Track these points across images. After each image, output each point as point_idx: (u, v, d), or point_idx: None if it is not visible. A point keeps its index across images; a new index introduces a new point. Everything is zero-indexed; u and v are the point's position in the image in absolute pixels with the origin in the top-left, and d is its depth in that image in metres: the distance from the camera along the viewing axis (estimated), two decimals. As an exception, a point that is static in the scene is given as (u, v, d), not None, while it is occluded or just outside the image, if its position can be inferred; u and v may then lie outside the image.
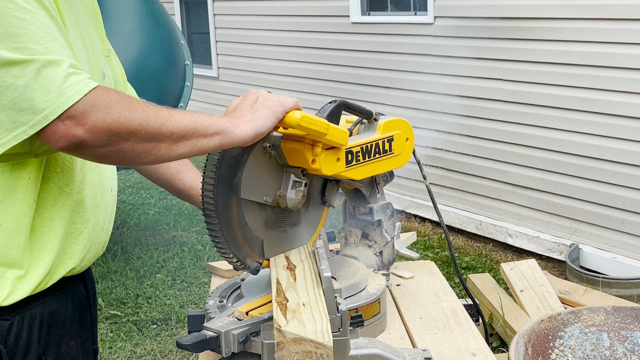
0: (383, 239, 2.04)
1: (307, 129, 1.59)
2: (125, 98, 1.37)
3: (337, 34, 7.05)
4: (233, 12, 8.65)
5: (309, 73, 7.47)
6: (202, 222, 6.27)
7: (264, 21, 8.06)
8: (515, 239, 5.64)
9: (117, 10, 5.05)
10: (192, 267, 5.52)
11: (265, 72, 8.19)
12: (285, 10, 7.71)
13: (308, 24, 7.41)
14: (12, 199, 1.47)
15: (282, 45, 7.84)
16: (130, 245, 6.02)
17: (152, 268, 5.52)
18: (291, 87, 7.69)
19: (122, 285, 5.22)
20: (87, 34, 1.65)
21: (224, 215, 1.64)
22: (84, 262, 1.66)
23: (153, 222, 6.67)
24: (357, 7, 6.76)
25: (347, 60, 6.98)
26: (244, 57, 8.57)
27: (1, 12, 1.30)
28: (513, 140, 5.62)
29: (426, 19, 6.09)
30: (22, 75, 1.29)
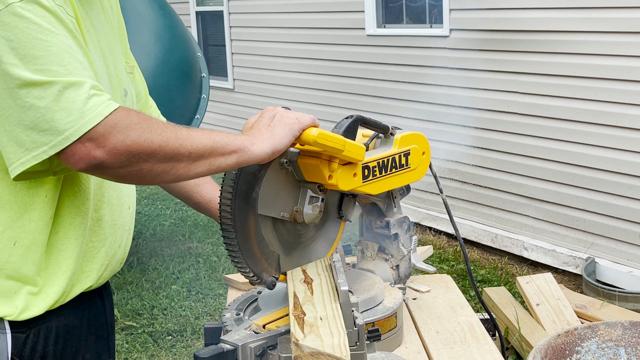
0: (400, 253, 2.03)
1: (324, 146, 1.60)
2: (145, 119, 1.38)
3: (352, 46, 7.06)
4: (249, 24, 8.69)
5: (324, 85, 7.49)
6: (217, 233, 6.31)
7: (280, 33, 8.09)
8: (531, 252, 5.62)
9: (135, 23, 5.09)
10: (207, 278, 5.53)
11: (280, 84, 8.22)
12: (300, 22, 7.74)
13: (323, 37, 7.44)
14: (29, 216, 1.48)
15: (297, 58, 7.87)
16: (146, 257, 6.05)
17: (168, 279, 5.54)
18: (306, 99, 7.71)
19: (138, 296, 5.24)
20: (110, 51, 1.66)
21: (241, 230, 1.65)
22: (101, 279, 1.67)
23: (169, 234, 6.69)
24: (372, 19, 6.78)
25: (362, 72, 6.99)
26: (260, 69, 8.60)
27: (24, 33, 1.31)
28: (529, 153, 5.60)
29: (442, 32, 6.10)
30: (43, 97, 1.30)
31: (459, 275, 5.32)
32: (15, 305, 1.49)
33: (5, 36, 1.30)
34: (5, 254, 1.47)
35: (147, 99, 2.01)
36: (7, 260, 1.47)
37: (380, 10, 6.77)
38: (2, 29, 1.30)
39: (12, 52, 1.30)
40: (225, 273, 5.51)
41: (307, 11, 7.61)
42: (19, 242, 1.48)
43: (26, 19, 1.31)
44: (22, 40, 1.30)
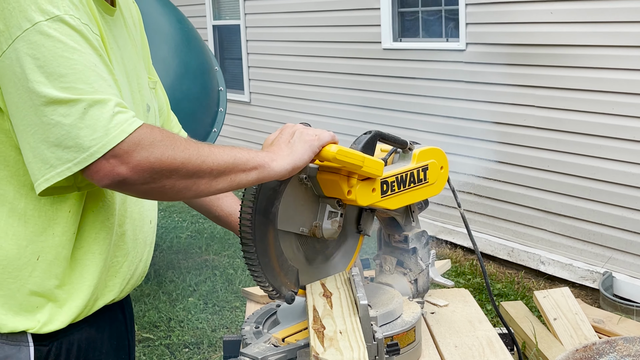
0: (418, 267, 2.03)
1: (343, 162, 1.61)
2: (168, 136, 1.39)
3: (368, 59, 7.08)
4: (265, 37, 8.74)
5: (340, 98, 7.51)
6: (233, 246, 6.34)
7: (296, 47, 8.13)
8: (547, 266, 5.59)
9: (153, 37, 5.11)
10: (223, 291, 5.54)
11: (296, 97, 8.25)
12: (317, 36, 7.77)
13: (340, 50, 7.46)
14: (52, 231, 1.49)
15: (313, 71, 7.89)
16: (162, 269, 6.07)
17: (185, 291, 5.56)
18: (322, 112, 7.73)
19: (155, 308, 5.26)
20: (133, 67, 1.68)
21: (261, 245, 1.67)
22: (123, 292, 1.68)
23: (185, 246, 6.71)
24: (388, 33, 6.80)
25: (378, 85, 7.00)
26: (276, 83, 8.64)
27: (50, 51, 1.32)
28: (546, 167, 5.59)
29: (458, 46, 6.11)
30: (69, 114, 1.31)
31: (476, 289, 5.31)
32: (38, 318, 1.50)
33: (32, 54, 1.32)
34: (29, 268, 1.49)
35: (169, 114, 2.03)
36: (30, 274, 1.49)
37: (396, 24, 6.79)
38: (29, 47, 1.32)
39: (39, 70, 1.31)
40: (241, 286, 5.52)
41: (324, 25, 7.64)
42: (42, 257, 1.49)
43: (52, 38, 1.32)
44: (48, 59, 1.32)
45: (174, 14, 5.65)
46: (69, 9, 1.36)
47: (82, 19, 1.38)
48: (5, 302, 1.49)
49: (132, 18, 1.77)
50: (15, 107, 1.35)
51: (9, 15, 1.33)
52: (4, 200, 1.47)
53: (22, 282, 1.48)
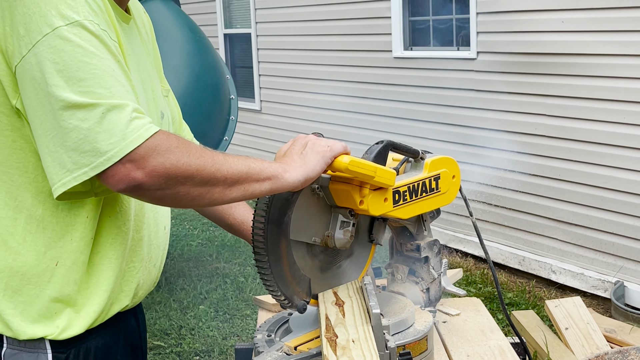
0: (430, 276, 2.03)
1: (355, 173, 1.62)
2: (184, 143, 1.40)
3: (379, 68, 7.09)
4: (276, 46, 8.76)
5: (350, 107, 7.52)
6: (244, 254, 6.33)
7: (307, 55, 8.14)
8: (559, 275, 5.57)
9: (165, 45, 5.15)
10: (234, 299, 5.54)
11: (307, 106, 8.26)
12: (327, 44, 7.78)
13: (350, 59, 7.47)
14: (70, 236, 1.50)
15: (324, 80, 7.90)
16: (174, 277, 6.07)
17: (195, 299, 5.56)
18: (332, 121, 7.73)
19: (166, 316, 5.26)
20: (148, 75, 1.70)
21: (274, 254, 1.67)
22: (137, 298, 1.69)
23: (196, 254, 6.72)
24: (399, 42, 6.80)
25: (389, 94, 7.00)
26: (286, 91, 8.66)
27: (70, 56, 1.33)
28: (557, 176, 5.57)
29: (469, 54, 6.11)
30: (87, 118, 1.32)
31: (487, 298, 5.29)
32: (57, 324, 1.52)
33: (52, 59, 1.33)
34: (48, 274, 1.50)
35: (181, 123, 2.04)
36: (49, 280, 1.50)
37: (407, 32, 6.80)
38: (49, 51, 1.33)
39: (58, 74, 1.33)
40: (252, 294, 5.52)
41: (334, 33, 7.65)
42: (60, 262, 1.50)
43: (72, 42, 1.34)
44: (67, 63, 1.33)
45: (186, 22, 5.67)
46: (88, 14, 1.37)
47: (101, 25, 1.40)
48: (25, 308, 1.50)
49: (144, 27, 1.79)
50: (34, 111, 1.36)
51: (29, 21, 1.34)
52: (22, 207, 1.48)
53: (41, 288, 1.50)
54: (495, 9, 5.87)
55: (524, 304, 5.23)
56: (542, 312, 4.82)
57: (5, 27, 1.37)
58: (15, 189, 1.47)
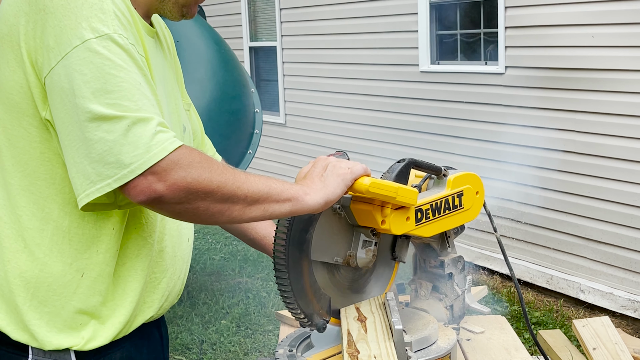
0: (454, 293, 2.01)
1: (376, 195, 1.61)
2: (206, 159, 1.41)
3: (405, 82, 7.05)
4: (301, 59, 8.76)
5: (376, 121, 7.49)
6: (266, 268, 6.30)
7: (332, 69, 8.14)
8: (587, 294, 5.48)
9: (191, 58, 5.16)
10: (256, 314, 5.52)
11: (332, 120, 8.24)
12: (354, 58, 7.77)
13: (376, 72, 7.45)
14: (96, 248, 1.52)
15: (350, 93, 7.89)
16: (196, 290, 6.06)
17: (217, 314, 5.54)
18: (358, 135, 7.71)
19: (188, 330, 5.25)
20: (171, 89, 1.73)
21: (294, 274, 1.68)
22: (161, 310, 1.70)
23: (218, 268, 6.71)
24: (426, 56, 6.77)
25: (415, 108, 6.97)
26: (311, 104, 8.65)
27: (98, 68, 1.35)
28: (586, 193, 5.49)
29: (497, 69, 6.06)
30: (112, 131, 1.34)
31: (513, 317, 5.22)
32: (82, 335, 1.53)
33: (80, 70, 1.35)
34: (73, 285, 1.52)
35: (203, 137, 2.06)
36: (75, 291, 1.52)
37: (434, 46, 6.77)
38: (78, 63, 1.35)
39: (85, 85, 1.34)
40: (274, 309, 5.50)
41: (361, 47, 7.64)
42: (86, 274, 1.52)
43: (101, 55, 1.36)
44: (95, 75, 1.35)
45: (211, 35, 5.69)
46: (118, 28, 1.40)
47: (130, 39, 1.42)
48: (50, 319, 1.52)
49: (166, 41, 1.82)
50: (61, 122, 1.38)
51: (60, 33, 1.37)
52: (49, 218, 1.50)
53: (66, 299, 1.52)
54: (524, 24, 5.82)
55: (552, 324, 5.14)
56: (569, 332, 4.73)
57: (36, 39, 1.39)
58: (42, 200, 1.49)
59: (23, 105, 1.45)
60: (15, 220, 1.50)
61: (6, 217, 1.51)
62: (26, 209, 1.49)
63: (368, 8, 7.45)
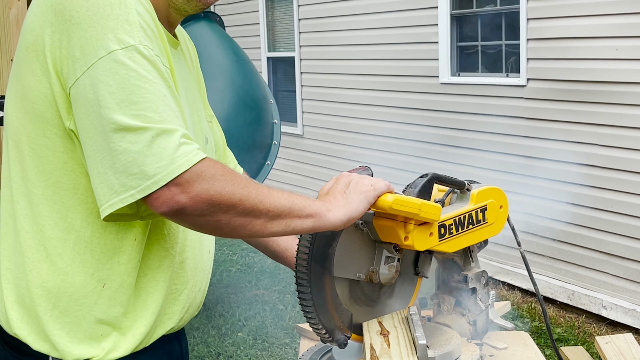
0: (477, 308, 1.98)
1: (399, 212, 1.60)
2: (229, 172, 1.42)
3: (425, 94, 7.01)
4: (320, 70, 8.74)
5: (395, 133, 7.44)
6: (283, 281, 6.26)
7: (351, 80, 8.11)
8: (610, 311, 5.39)
9: (210, 69, 5.15)
10: (273, 327, 5.48)
11: (350, 131, 8.21)
12: (373, 69, 7.74)
13: (396, 84, 7.41)
14: (117, 259, 1.52)
15: (368, 105, 7.85)
16: (212, 302, 6.03)
17: (234, 326, 5.51)
18: (376, 147, 7.67)
19: (204, 342, 5.22)
20: (193, 100, 1.73)
21: (316, 289, 1.67)
22: (182, 321, 1.70)
23: (235, 280, 6.68)
24: (446, 67, 6.72)
25: (435, 120, 6.92)
26: (330, 116, 8.62)
27: (123, 79, 1.36)
28: (609, 208, 5.42)
29: (518, 81, 6.00)
30: (137, 142, 1.34)
31: (534, 333, 5.15)
32: (103, 346, 1.54)
33: (105, 81, 1.36)
34: (95, 296, 1.52)
35: (225, 149, 2.06)
36: (96, 302, 1.52)
37: (454, 58, 6.73)
38: (103, 74, 1.36)
39: (110, 96, 1.35)
40: (291, 322, 5.47)
41: (380, 58, 7.61)
42: (107, 284, 1.52)
43: (126, 66, 1.37)
44: (121, 86, 1.36)
45: (230, 46, 5.68)
46: (143, 39, 1.41)
47: (155, 50, 1.43)
48: (71, 329, 1.52)
49: (189, 53, 1.83)
50: (86, 132, 1.39)
51: (86, 44, 1.38)
52: (71, 228, 1.50)
53: (87, 310, 1.52)
54: (546, 36, 5.77)
55: (573, 340, 5.07)
56: (591, 348, 4.65)
57: (62, 49, 1.40)
58: (65, 210, 1.50)
59: (47, 115, 1.45)
60: (37, 230, 1.51)
61: (28, 227, 1.51)
62: (49, 218, 1.50)
63: (388, 19, 7.43)
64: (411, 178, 1.82)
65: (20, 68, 1.48)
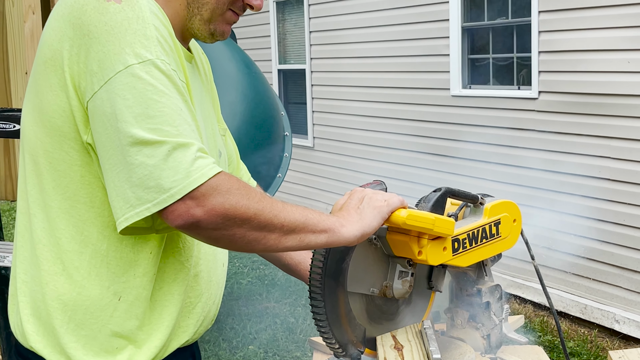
0: (491, 322, 1.96)
1: (413, 227, 1.60)
2: (244, 186, 1.43)
3: (436, 106, 7.01)
4: (330, 82, 8.75)
5: (406, 145, 7.44)
6: (294, 293, 6.25)
7: (362, 92, 8.11)
8: (622, 325, 5.36)
9: (221, 81, 5.15)
10: (284, 340, 5.46)
11: (361, 143, 8.21)
12: (383, 82, 7.74)
13: (407, 96, 7.41)
14: (133, 272, 1.53)
15: (379, 117, 7.85)
16: (223, 315, 6.02)
17: (245, 339, 5.50)
18: (387, 159, 7.66)
19: (215, 355, 5.21)
20: (208, 114, 1.75)
21: (330, 304, 1.67)
22: (196, 334, 1.70)
23: (246, 292, 6.67)
24: (458, 80, 6.72)
25: (446, 133, 6.91)
26: (340, 128, 8.62)
27: (140, 93, 1.37)
28: (621, 221, 5.39)
29: (530, 94, 5.99)
30: (153, 155, 1.35)
31: (546, 347, 5.11)
32: (118, 359, 1.54)
33: (123, 95, 1.37)
34: (110, 309, 1.52)
35: (239, 163, 2.07)
36: (111, 314, 1.53)
37: (465, 70, 6.72)
38: (120, 88, 1.37)
39: (128, 110, 1.36)
40: (302, 335, 5.45)
41: (391, 70, 7.61)
42: (123, 297, 1.53)
43: (144, 80, 1.38)
44: (138, 100, 1.37)
45: (242, 58, 5.69)
46: (160, 54, 1.42)
47: (172, 64, 1.44)
48: (87, 342, 1.52)
49: (203, 67, 1.84)
50: (102, 146, 1.41)
51: (103, 58, 1.39)
52: (88, 241, 1.51)
53: (103, 323, 1.53)
54: (558, 48, 5.77)
55: (586, 354, 5.03)
56: (605, 363, 4.62)
57: (80, 63, 1.42)
58: (82, 223, 1.51)
59: (65, 129, 1.46)
60: (54, 243, 1.51)
61: (45, 240, 1.52)
62: (65, 231, 1.51)
63: (399, 31, 7.43)
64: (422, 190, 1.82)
65: (38, 82, 1.48)
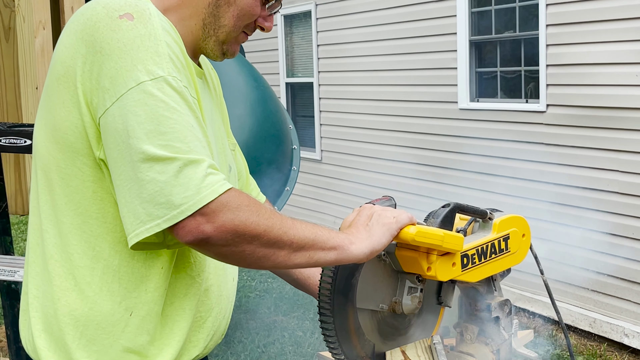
0: (500, 337, 1.96)
1: (422, 243, 1.60)
2: (255, 203, 1.43)
3: (444, 119, 7.01)
4: (338, 95, 8.77)
5: (413, 158, 7.43)
6: (302, 307, 6.24)
7: (370, 105, 8.12)
8: (632, 339, 5.33)
9: (230, 95, 5.16)
10: (292, 354, 5.45)
11: (368, 156, 8.21)
12: (391, 95, 7.75)
13: (414, 109, 7.41)
14: (145, 287, 1.53)
15: (386, 130, 7.86)
16: (231, 329, 6.01)
17: (253, 353, 5.48)
18: (395, 172, 7.66)
19: (222, 368, 5.19)
20: (218, 129, 1.75)
21: (339, 320, 1.67)
22: (206, 349, 1.70)
23: (254, 306, 6.66)
24: (465, 93, 6.72)
25: (454, 146, 6.91)
26: (348, 141, 8.63)
27: (152, 110, 1.38)
28: (630, 235, 5.37)
29: (538, 107, 5.99)
30: (164, 172, 1.36)
31: (555, 362, 5.09)
32: None
33: (134, 112, 1.38)
34: (122, 324, 1.53)
35: (248, 178, 2.07)
36: (123, 330, 1.53)
37: (473, 83, 6.73)
38: (132, 104, 1.38)
39: (139, 126, 1.37)
40: (310, 349, 5.43)
41: (398, 84, 7.63)
42: (135, 313, 1.53)
43: (155, 97, 1.39)
44: (149, 117, 1.38)
45: (250, 72, 5.71)
46: (172, 71, 1.43)
47: (183, 81, 1.45)
48: (99, 357, 1.53)
49: (212, 82, 1.85)
50: (114, 162, 1.42)
51: (116, 75, 1.40)
52: (99, 257, 1.52)
53: (115, 338, 1.53)
54: (566, 61, 5.77)
55: (595, 369, 5.00)
56: (615, 377, 4.59)
57: (92, 80, 1.43)
58: (93, 238, 1.51)
59: (77, 145, 1.47)
60: (66, 259, 1.52)
61: (57, 255, 1.52)
62: (77, 247, 1.51)
63: (407, 45, 7.45)
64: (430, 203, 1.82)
65: (51, 99, 1.49)
